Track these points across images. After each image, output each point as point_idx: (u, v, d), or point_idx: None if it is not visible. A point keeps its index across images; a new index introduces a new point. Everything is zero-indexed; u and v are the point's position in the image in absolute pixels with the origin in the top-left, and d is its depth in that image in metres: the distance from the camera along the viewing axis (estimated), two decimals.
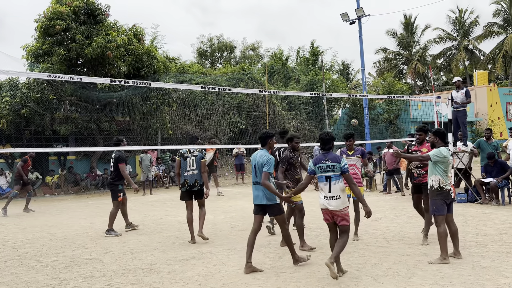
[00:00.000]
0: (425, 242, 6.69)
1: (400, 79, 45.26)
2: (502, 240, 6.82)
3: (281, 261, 6.10)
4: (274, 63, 31.21)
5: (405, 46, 47.41)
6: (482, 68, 41.52)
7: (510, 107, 33.33)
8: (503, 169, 10.43)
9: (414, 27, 47.01)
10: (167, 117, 19.17)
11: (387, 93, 28.75)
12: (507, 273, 5.13)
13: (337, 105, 32.96)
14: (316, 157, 5.41)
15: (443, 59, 47.04)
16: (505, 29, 42.15)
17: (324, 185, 5.28)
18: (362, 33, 20.17)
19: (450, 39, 45.81)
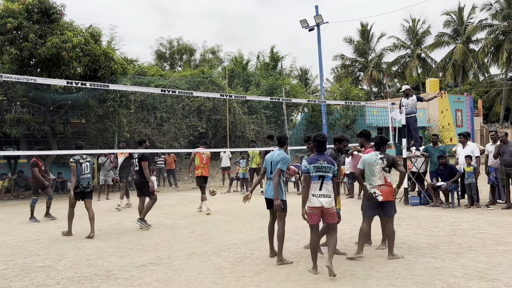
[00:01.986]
0: (382, 247, 6.85)
1: (356, 85, 46.56)
2: (452, 241, 7.14)
3: (241, 265, 6.11)
4: (235, 67, 31.28)
5: (362, 53, 48.80)
6: (434, 76, 43.39)
7: (459, 114, 34.98)
8: (452, 173, 10.91)
9: (370, 35, 48.53)
10: (124, 120, 18.77)
11: (344, 99, 29.47)
12: (456, 273, 5.37)
13: (296, 110, 33.43)
14: (311, 157, 5.64)
15: (397, 67, 48.78)
16: (455, 39, 44.25)
17: (315, 184, 5.49)
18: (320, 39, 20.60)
19: (404, 47, 47.60)
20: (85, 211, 8.73)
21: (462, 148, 11.24)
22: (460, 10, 43.69)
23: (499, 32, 40.69)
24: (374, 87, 49.96)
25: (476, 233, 7.70)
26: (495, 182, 10.77)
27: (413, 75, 46.69)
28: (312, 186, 5.50)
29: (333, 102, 21.85)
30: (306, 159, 5.63)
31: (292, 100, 13.27)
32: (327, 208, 5.48)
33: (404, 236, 7.64)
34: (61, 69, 16.09)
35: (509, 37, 39.53)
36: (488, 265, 5.66)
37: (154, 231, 8.93)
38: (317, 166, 5.52)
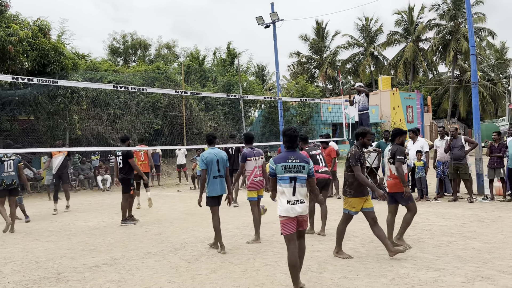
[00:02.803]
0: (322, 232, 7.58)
1: (312, 82, 47.29)
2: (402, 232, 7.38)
3: (198, 263, 6.06)
4: (191, 63, 30.96)
5: (317, 51, 49.57)
6: (386, 73, 44.76)
7: (410, 110, 36.29)
8: None
9: (325, 32, 49.34)
10: (75, 117, 18.14)
11: (300, 95, 29.88)
12: (406, 264, 5.58)
13: (253, 107, 33.53)
14: (279, 155, 4.76)
15: (351, 64, 49.95)
16: (406, 38, 45.80)
17: (287, 188, 4.61)
18: (276, 37, 20.67)
19: (357, 45, 48.77)
20: (36, 210, 8.41)
21: (413, 144, 11.65)
22: (410, 10, 45.23)
23: (446, 32, 42.49)
24: (329, 84, 50.92)
25: (425, 225, 8.02)
26: (443, 176, 11.26)
27: (366, 72, 47.97)
28: (284, 191, 4.61)
29: (289, 99, 22.08)
30: (273, 158, 4.77)
31: (248, 96, 13.32)
32: (300, 215, 4.65)
33: (358, 229, 7.85)
34: (7, 63, 15.34)
35: (456, 36, 41.35)
36: (435, 256, 5.91)
37: (107, 231, 8.71)
38: (287, 165, 4.62)
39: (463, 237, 6.94)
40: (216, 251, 6.66)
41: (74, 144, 18.36)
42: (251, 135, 7.65)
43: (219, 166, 6.68)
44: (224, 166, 6.79)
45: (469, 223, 8.06)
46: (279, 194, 4.66)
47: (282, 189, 4.64)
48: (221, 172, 6.73)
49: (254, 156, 7.28)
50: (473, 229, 7.48)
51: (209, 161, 6.65)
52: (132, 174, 9.46)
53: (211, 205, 6.72)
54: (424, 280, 4.94)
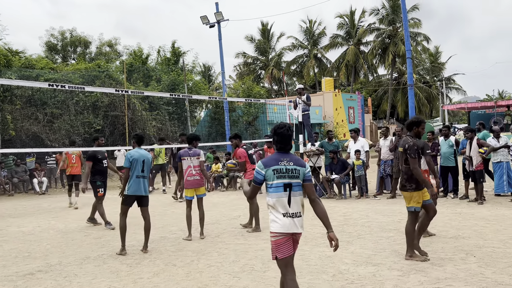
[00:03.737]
0: None
1: (258, 83, 47.63)
2: (344, 230, 7.62)
3: (140, 266, 5.91)
4: (134, 61, 30.14)
5: (263, 52, 50.03)
6: (329, 75, 45.98)
7: (352, 111, 37.49)
8: (344, 167, 11.66)
9: (270, 34, 49.87)
10: (9, 117, 17.12)
11: (246, 96, 29.98)
12: (347, 260, 5.74)
13: (199, 107, 33.22)
14: (268, 158, 3.86)
15: (296, 66, 50.82)
16: (347, 41, 47.29)
17: (280, 198, 3.69)
18: (221, 36, 20.68)
19: (302, 47, 49.72)
20: None
21: (354, 143, 12.03)
22: (351, 14, 46.76)
23: (385, 36, 44.34)
24: (274, 85, 51.52)
25: (365, 221, 8.30)
26: (384, 174, 11.70)
27: (310, 74, 49.02)
28: (276, 202, 3.70)
29: (235, 99, 22.12)
30: (262, 161, 3.85)
31: (193, 96, 13.17)
32: (297, 233, 3.77)
33: None
34: None
35: (394, 40, 43.22)
36: (374, 251, 6.13)
37: (43, 236, 8.28)
38: (280, 169, 3.73)
39: (400, 232, 7.24)
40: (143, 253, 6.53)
41: (7, 145, 17.33)
42: (191, 136, 7.89)
43: (143, 166, 6.78)
44: (148, 167, 6.90)
45: (405, 218, 8.39)
46: (270, 207, 3.74)
47: (274, 199, 3.70)
48: (145, 173, 6.81)
49: (188, 156, 7.54)
50: None
51: (135, 160, 6.71)
52: (97, 177, 9.02)
53: (124, 204, 6.72)
54: (363, 275, 5.11)
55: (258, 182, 3.83)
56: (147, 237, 6.82)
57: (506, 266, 5.16)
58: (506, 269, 5.05)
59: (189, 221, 7.52)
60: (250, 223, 8.20)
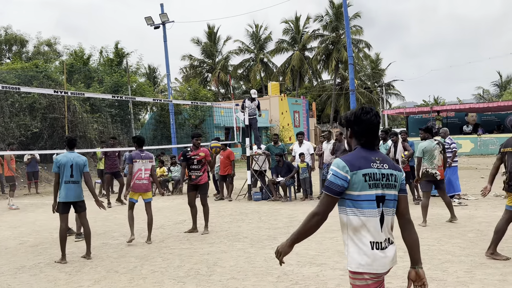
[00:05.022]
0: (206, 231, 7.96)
1: (205, 86, 47.36)
2: (289, 232, 7.71)
3: (80, 274, 5.67)
4: (74, 61, 29.02)
5: (209, 55, 49.83)
6: (275, 79, 46.62)
7: (297, 115, 38.21)
8: (290, 169, 11.84)
9: (217, 37, 49.78)
10: None
11: (193, 99, 29.72)
12: (291, 261, 5.82)
13: (144, 109, 32.51)
14: (352, 156, 2.57)
15: (243, 70, 51.07)
16: (293, 46, 48.19)
17: (372, 218, 2.49)
18: (166, 38, 20.38)
19: (248, 51, 50.06)
20: None
21: (299, 147, 12.26)
22: (297, 20, 47.72)
23: (329, 42, 45.62)
24: (221, 88, 51.46)
25: None
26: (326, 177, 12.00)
27: (257, 78, 49.43)
28: (364, 224, 2.48)
29: (180, 102, 21.84)
30: (343, 159, 2.55)
31: (136, 98, 12.85)
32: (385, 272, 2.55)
33: (247, 230, 8.01)
34: None
35: (337, 47, 44.58)
36: (318, 252, 6.27)
37: None
38: (372, 174, 2.52)
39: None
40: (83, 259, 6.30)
41: None
42: (142, 139, 7.77)
43: (72, 171, 6.39)
44: (79, 171, 6.49)
45: None
46: (351, 231, 2.52)
47: (360, 219, 2.48)
48: (75, 177, 6.43)
49: (141, 159, 7.40)
50: None
51: (62, 164, 6.36)
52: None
53: (59, 212, 6.41)
54: (307, 275, 5.20)
55: (338, 191, 2.46)
56: (88, 244, 6.55)
57: (440, 263, 5.45)
58: (440, 265, 5.33)
59: (132, 221, 7.38)
60: (195, 228, 8.13)
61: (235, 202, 12.01)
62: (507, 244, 6.07)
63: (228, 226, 8.56)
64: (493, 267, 5.19)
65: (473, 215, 8.56)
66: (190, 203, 8.16)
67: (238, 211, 10.37)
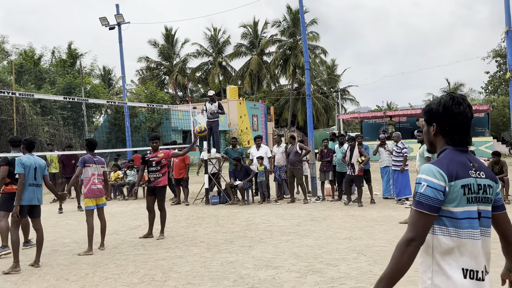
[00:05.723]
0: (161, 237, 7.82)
1: (162, 88, 46.67)
2: (246, 235, 7.73)
3: (27, 283, 5.42)
4: (24, 62, 27.86)
5: (167, 57, 49.17)
6: (233, 83, 46.67)
7: (255, 119, 38.40)
8: (247, 173, 11.86)
9: (174, 39, 49.22)
10: None
11: (149, 101, 29.20)
12: (248, 265, 5.82)
13: (98, 112, 31.65)
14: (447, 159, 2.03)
15: (201, 73, 50.76)
16: (251, 50, 48.41)
17: (470, 239, 1.98)
18: (122, 39, 19.90)
19: (206, 54, 49.81)
20: None
21: (257, 150, 12.31)
22: (255, 24, 47.99)
23: (286, 47, 46.17)
24: (179, 91, 50.89)
25: (266, 226, 8.51)
26: (280, 180, 12.10)
27: (215, 81, 49.26)
28: (460, 246, 1.97)
29: (136, 104, 21.43)
30: (438, 163, 2.00)
31: (90, 100, 12.50)
32: None
33: (204, 234, 7.94)
34: None
35: (294, 52, 45.18)
36: (274, 254, 6.30)
37: None
38: (470, 186, 2.01)
39: (298, 235, 7.55)
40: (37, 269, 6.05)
41: None
42: (95, 142, 7.49)
43: (36, 174, 6.20)
44: (41, 174, 6.31)
45: (304, 222, 8.80)
46: (438, 254, 1.98)
47: (455, 241, 1.97)
48: (38, 180, 6.24)
49: (94, 163, 7.12)
50: (307, 228, 8.19)
51: (27, 166, 6.11)
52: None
53: (22, 216, 6.14)
54: (264, 278, 5.21)
55: (436, 206, 1.93)
56: (39, 251, 6.25)
57: None
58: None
59: (92, 233, 6.94)
60: (150, 233, 7.96)
61: (192, 206, 11.89)
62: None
63: (184, 230, 8.46)
64: None
65: None
66: (148, 208, 7.99)
67: (195, 215, 10.27)
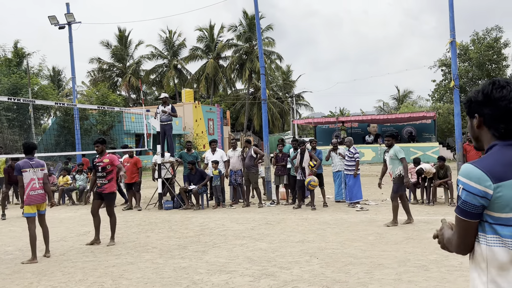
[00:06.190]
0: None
1: (114, 90, 45.50)
2: (200, 240, 7.65)
3: None
4: None
5: (120, 59, 48.04)
6: (189, 86, 46.21)
7: (211, 123, 38.21)
8: (202, 177, 11.75)
9: (128, 41, 48.19)
10: None
11: (101, 103, 28.36)
12: (201, 270, 5.75)
13: (46, 114, 30.42)
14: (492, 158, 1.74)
15: (155, 75, 49.94)
16: (207, 54, 48.20)
17: None
18: (72, 39, 19.18)
19: (161, 57, 49.10)
20: None
21: (212, 154, 12.23)
22: (211, 28, 47.82)
23: (242, 52, 46.33)
24: (132, 93, 49.80)
25: (220, 230, 8.46)
26: (235, 184, 12.08)
27: (170, 84, 48.62)
28: None
29: (86, 106, 20.76)
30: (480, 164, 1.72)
31: (37, 101, 11.98)
32: None
33: (156, 240, 7.78)
34: None
35: (250, 57, 45.41)
36: (228, 259, 6.26)
37: None
38: None
39: (253, 239, 7.55)
40: None
41: None
42: (31, 145, 6.87)
43: None
44: None
45: (258, 226, 8.82)
46: (493, 268, 1.71)
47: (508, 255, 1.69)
48: None
49: (30, 168, 6.63)
50: (261, 231, 8.21)
51: None
52: None
53: None
54: (217, 283, 5.17)
55: (475, 212, 1.72)
56: None
57: (343, 265, 5.73)
58: (343, 268, 5.60)
59: (34, 241, 6.57)
60: (97, 239, 7.70)
61: (145, 211, 11.64)
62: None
63: (136, 236, 8.25)
64: (389, 267, 5.57)
65: (373, 219, 9.15)
66: (92, 212, 7.71)
67: (148, 220, 10.05)
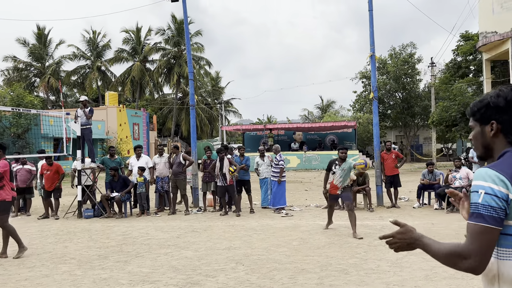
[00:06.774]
0: None
1: (31, 91, 42.71)
2: (122, 250, 7.36)
3: None
4: None
5: (38, 58, 45.23)
6: (113, 89, 44.58)
7: (136, 127, 37.10)
8: (125, 184, 11.35)
9: (48, 40, 45.54)
10: None
11: (15, 105, 26.45)
12: (123, 281, 5.53)
13: None
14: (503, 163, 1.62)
15: (77, 76, 47.60)
16: (133, 56, 46.86)
17: None
18: None
19: (84, 57, 46.93)
20: None
21: (137, 160, 11.86)
22: (138, 30, 46.57)
23: (171, 56, 45.62)
24: (52, 95, 47.03)
25: (144, 239, 8.21)
26: (162, 191, 11.83)
27: (93, 86, 46.60)
28: None
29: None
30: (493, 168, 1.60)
31: None
32: None
33: (75, 250, 7.38)
34: None
35: (179, 62, 44.83)
36: (152, 269, 6.09)
37: None
38: None
39: (178, 247, 7.41)
40: None
41: None
42: None
43: None
44: None
45: (184, 234, 8.68)
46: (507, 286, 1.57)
47: None
48: None
49: None
50: (187, 239, 8.09)
51: None
52: None
53: None
54: None
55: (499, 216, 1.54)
56: None
57: (268, 271, 5.80)
58: (268, 274, 5.67)
59: None
60: (4, 253, 7.07)
61: (63, 220, 11.00)
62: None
63: (52, 247, 7.76)
64: (312, 272, 5.73)
65: (297, 224, 9.38)
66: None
67: (66, 230, 9.50)
